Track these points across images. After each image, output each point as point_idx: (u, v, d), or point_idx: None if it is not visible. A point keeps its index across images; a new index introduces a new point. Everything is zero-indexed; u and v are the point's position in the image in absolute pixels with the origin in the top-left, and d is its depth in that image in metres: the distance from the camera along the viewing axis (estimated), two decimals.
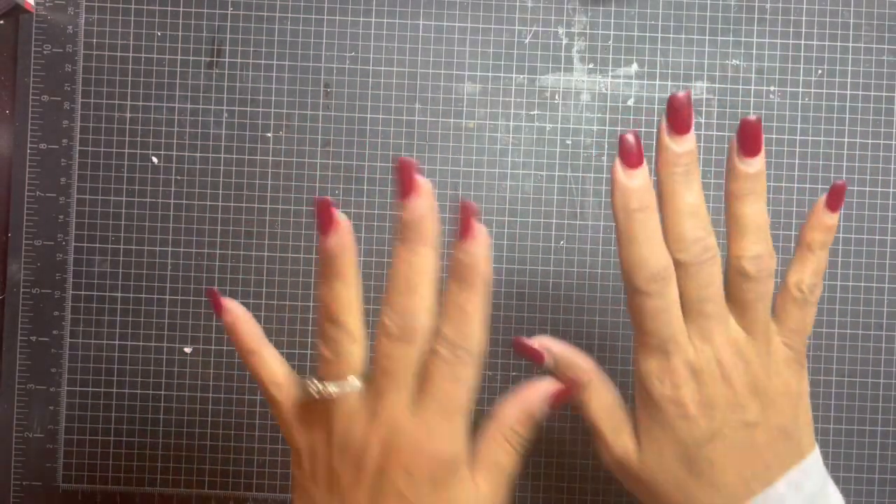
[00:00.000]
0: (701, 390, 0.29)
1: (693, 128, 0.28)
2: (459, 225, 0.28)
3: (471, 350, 0.27)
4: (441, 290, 0.28)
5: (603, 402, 0.31)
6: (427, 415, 0.27)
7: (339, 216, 0.28)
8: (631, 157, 0.28)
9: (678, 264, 0.29)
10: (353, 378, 0.28)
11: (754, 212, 0.29)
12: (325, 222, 0.28)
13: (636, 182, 0.28)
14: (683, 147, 0.28)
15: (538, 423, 0.30)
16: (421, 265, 0.28)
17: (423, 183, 0.27)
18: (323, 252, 0.28)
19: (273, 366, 0.31)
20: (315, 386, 0.28)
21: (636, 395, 0.30)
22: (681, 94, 0.28)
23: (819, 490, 0.30)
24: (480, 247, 0.28)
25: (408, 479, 0.27)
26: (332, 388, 0.28)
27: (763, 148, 0.29)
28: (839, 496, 0.30)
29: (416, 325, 0.27)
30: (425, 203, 0.27)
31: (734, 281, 0.29)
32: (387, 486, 0.27)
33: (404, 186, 0.27)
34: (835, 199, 0.30)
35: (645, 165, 0.28)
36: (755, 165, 0.29)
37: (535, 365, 0.32)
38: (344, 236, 0.28)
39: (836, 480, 0.41)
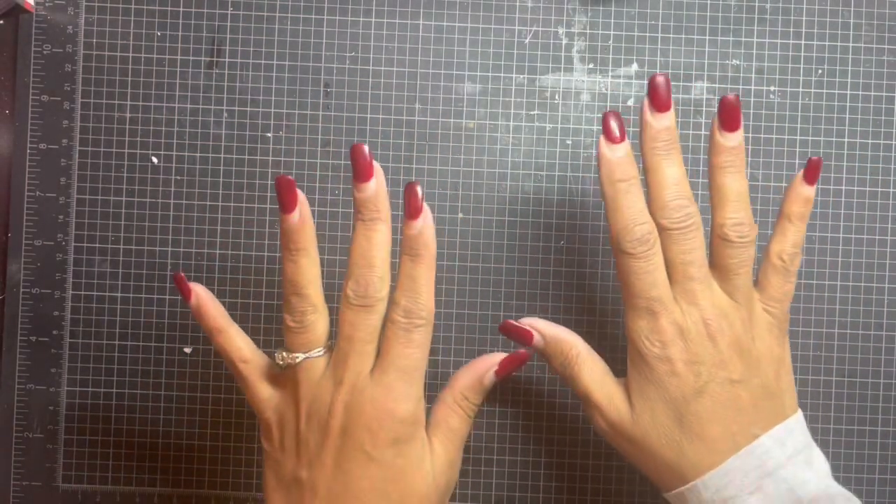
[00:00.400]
0: (688, 348, 0.31)
1: (672, 107, 0.31)
2: (407, 205, 0.31)
3: (423, 315, 0.30)
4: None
5: (593, 373, 0.33)
6: (387, 377, 0.30)
7: (300, 192, 0.31)
8: (612, 134, 0.31)
9: (662, 230, 0.31)
10: (317, 348, 0.31)
11: (734, 182, 0.31)
12: (290, 200, 0.30)
13: (618, 154, 0.31)
14: (663, 123, 0.31)
15: (488, 390, 0.33)
16: (376, 239, 0.30)
17: (377, 167, 0.31)
18: (287, 229, 0.31)
19: (240, 343, 0.33)
20: (282, 356, 0.31)
21: (628, 356, 0.32)
22: (660, 75, 0.31)
23: (803, 447, 0.31)
24: (426, 223, 0.31)
25: (370, 437, 0.30)
26: (298, 357, 0.31)
27: (741, 124, 0.31)
28: (822, 457, 0.32)
29: (375, 294, 0.30)
30: (378, 184, 0.30)
31: (717, 248, 0.32)
32: (351, 446, 0.30)
33: (361, 170, 0.30)
34: (811, 172, 0.33)
35: (627, 141, 0.31)
36: (734, 140, 0.31)
37: (524, 345, 0.35)
38: (305, 212, 0.31)
39: (837, 480, 0.41)
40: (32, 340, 0.41)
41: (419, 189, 0.30)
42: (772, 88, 0.41)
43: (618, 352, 0.41)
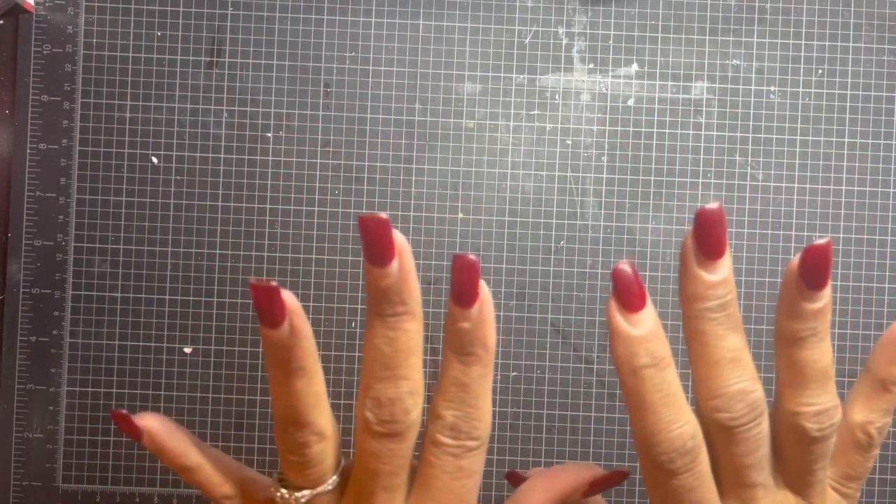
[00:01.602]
0: None
1: (728, 249, 0.22)
2: (458, 286, 0.22)
3: (477, 436, 0.23)
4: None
5: None
6: None
7: (287, 298, 0.22)
8: (631, 299, 0.22)
9: (716, 426, 0.22)
10: (328, 479, 0.24)
11: (818, 355, 0.23)
12: (274, 314, 0.22)
13: (642, 330, 0.22)
14: (718, 275, 0.22)
15: None
16: (403, 342, 0.22)
17: (401, 241, 0.22)
18: (274, 347, 0.22)
19: (218, 477, 0.26)
20: (281, 495, 0.24)
21: None
22: (712, 205, 0.22)
23: None
24: (486, 313, 0.22)
25: None
26: (303, 497, 0.24)
27: (831, 276, 0.23)
28: None
29: (405, 417, 0.22)
30: (404, 267, 0.22)
31: (789, 440, 0.23)
32: None
33: (379, 250, 0.21)
34: None
35: (650, 304, 0.22)
36: (823, 299, 0.23)
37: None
38: (298, 324, 0.22)
39: None
40: (32, 340, 0.41)
41: (476, 263, 0.21)
42: (772, 88, 0.41)
43: None
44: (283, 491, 0.24)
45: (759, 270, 0.41)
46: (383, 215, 0.21)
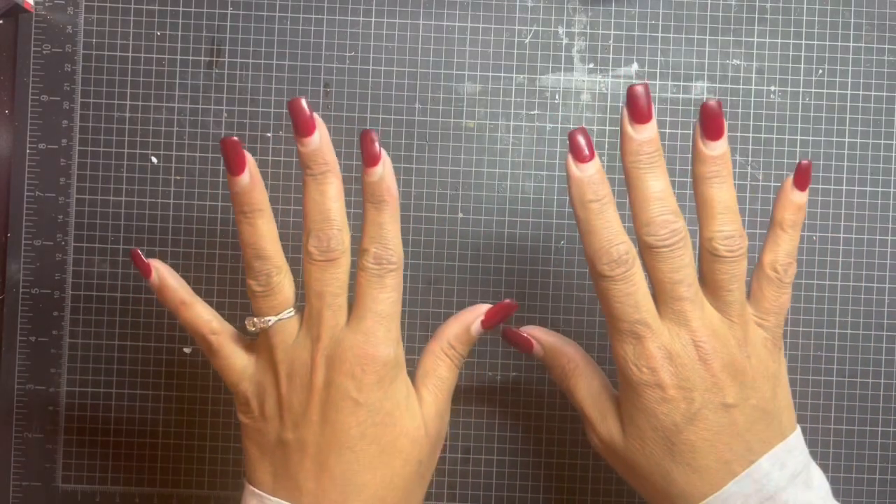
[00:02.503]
0: (678, 373, 0.29)
1: (654, 116, 0.29)
2: (364, 153, 0.30)
3: (394, 260, 0.30)
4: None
5: (589, 388, 0.32)
6: (364, 324, 0.30)
7: (246, 153, 0.30)
8: (581, 153, 0.30)
9: (648, 248, 0.29)
10: (287, 309, 0.31)
11: (722, 193, 0.30)
12: (237, 162, 0.30)
13: (588, 172, 0.29)
14: (644, 135, 0.29)
15: (475, 341, 0.33)
16: (330, 192, 0.30)
17: (318, 120, 0.30)
18: (238, 191, 0.30)
19: (207, 315, 0.32)
20: (252, 322, 0.31)
21: (619, 381, 0.31)
22: (638, 84, 0.29)
23: (802, 468, 0.30)
24: (385, 168, 0.30)
25: (355, 383, 0.30)
26: (270, 321, 0.31)
27: (725, 131, 0.30)
28: (821, 475, 0.31)
29: (338, 246, 0.30)
30: (322, 137, 0.30)
31: (707, 263, 0.30)
32: (336, 396, 0.30)
33: (303, 125, 0.30)
34: (801, 177, 0.31)
35: (597, 158, 0.30)
36: (718, 148, 0.30)
37: (524, 354, 0.35)
38: (254, 172, 0.31)
39: (837, 480, 0.41)
40: (32, 340, 0.41)
41: (375, 135, 0.30)
42: (772, 88, 0.41)
43: None
44: (255, 319, 0.31)
45: None
46: (304, 101, 0.30)
